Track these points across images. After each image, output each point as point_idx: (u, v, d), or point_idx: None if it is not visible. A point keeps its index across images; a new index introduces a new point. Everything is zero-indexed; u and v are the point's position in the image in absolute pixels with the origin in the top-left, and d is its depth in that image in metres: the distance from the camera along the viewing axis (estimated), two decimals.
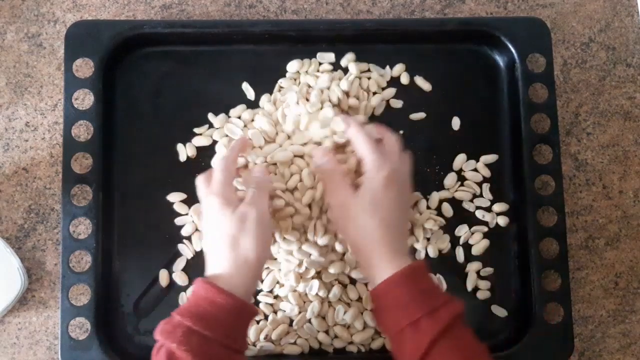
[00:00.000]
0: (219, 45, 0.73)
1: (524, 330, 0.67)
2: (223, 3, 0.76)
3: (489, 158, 0.72)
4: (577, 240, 0.73)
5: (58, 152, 0.72)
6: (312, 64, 0.72)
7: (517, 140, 0.71)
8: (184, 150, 0.71)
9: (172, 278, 0.69)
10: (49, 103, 0.73)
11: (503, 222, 0.71)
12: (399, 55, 0.73)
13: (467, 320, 0.65)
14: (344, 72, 0.72)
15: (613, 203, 0.74)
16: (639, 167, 0.74)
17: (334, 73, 0.72)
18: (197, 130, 0.71)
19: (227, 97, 0.72)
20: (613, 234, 0.73)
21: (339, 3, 0.76)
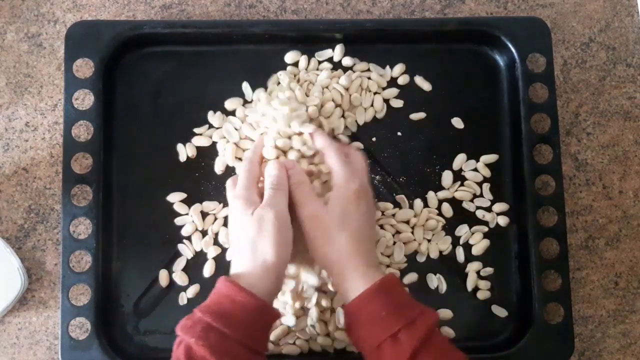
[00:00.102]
0: (219, 45, 0.73)
1: (524, 330, 0.67)
2: (223, 3, 0.76)
3: (489, 158, 0.72)
4: (577, 240, 0.73)
5: (58, 152, 0.72)
6: (311, 62, 0.73)
7: (517, 140, 0.71)
8: (184, 150, 0.71)
9: (172, 278, 0.69)
10: (49, 103, 0.73)
11: (503, 222, 0.71)
12: (399, 55, 0.73)
13: (466, 322, 0.65)
14: (344, 71, 0.72)
15: (613, 203, 0.74)
16: (639, 167, 0.74)
17: (334, 72, 0.72)
18: (197, 130, 0.71)
19: (227, 97, 0.72)
20: (613, 234, 0.73)
21: (339, 3, 0.76)
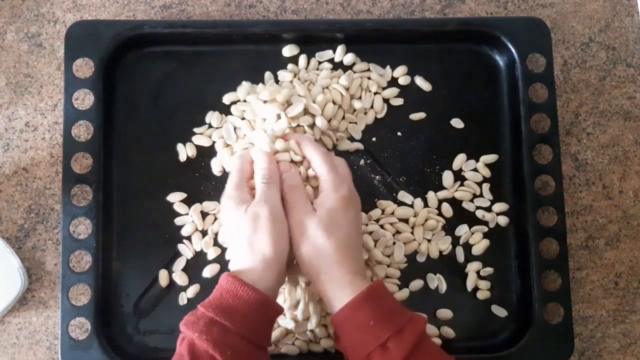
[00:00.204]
0: (219, 45, 0.73)
1: (524, 330, 0.67)
2: (223, 3, 0.76)
3: (489, 158, 0.72)
4: (577, 240, 0.73)
5: (58, 152, 0.72)
6: (311, 62, 0.73)
7: (517, 140, 0.71)
8: (184, 150, 0.71)
9: (172, 278, 0.69)
10: (49, 103, 0.73)
11: (503, 222, 0.71)
12: (399, 55, 0.73)
13: (466, 322, 0.65)
14: (344, 71, 0.72)
15: (613, 203, 0.74)
16: (639, 167, 0.74)
17: (334, 72, 0.72)
18: (197, 130, 0.71)
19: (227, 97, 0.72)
20: (613, 234, 0.73)
21: (339, 3, 0.76)
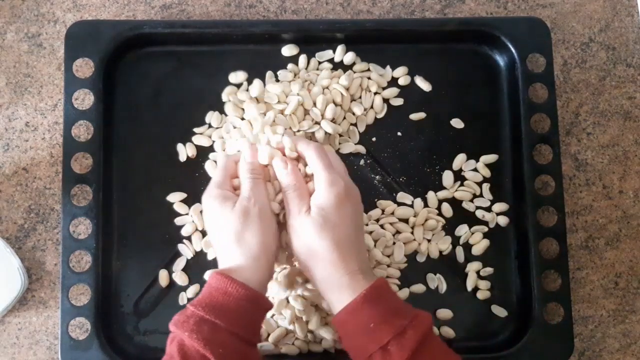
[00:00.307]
0: (219, 45, 0.73)
1: (524, 330, 0.67)
2: (223, 3, 0.76)
3: (489, 158, 0.72)
4: (577, 240, 0.73)
5: (58, 152, 0.72)
6: (311, 62, 0.73)
7: (517, 140, 0.71)
8: (184, 150, 0.71)
9: (172, 278, 0.69)
10: (49, 103, 0.73)
11: (503, 222, 0.71)
12: (399, 55, 0.73)
13: (466, 322, 0.64)
14: (344, 71, 0.72)
15: (613, 203, 0.74)
16: (639, 167, 0.74)
17: (334, 72, 0.72)
18: (196, 130, 0.71)
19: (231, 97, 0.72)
20: (613, 234, 0.73)
21: (339, 3, 0.76)
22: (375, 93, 0.73)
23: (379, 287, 0.56)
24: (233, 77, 0.72)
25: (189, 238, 0.70)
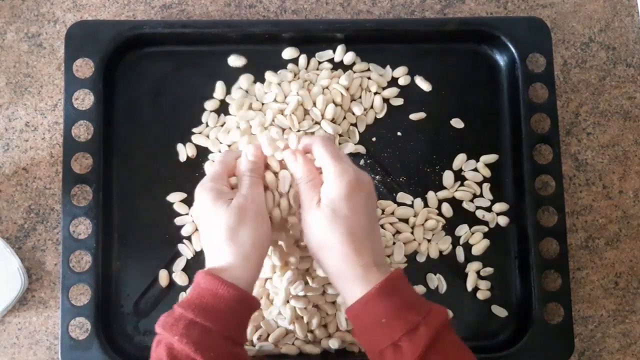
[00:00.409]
0: (219, 45, 0.73)
1: (524, 330, 0.67)
2: (223, 3, 0.76)
3: (489, 158, 0.72)
4: (577, 240, 0.73)
5: (58, 152, 0.72)
6: (311, 62, 0.73)
7: (517, 140, 0.71)
8: (184, 150, 0.71)
9: (172, 278, 0.69)
10: (49, 103, 0.73)
11: (503, 222, 0.71)
12: (399, 55, 0.73)
13: (466, 322, 0.64)
14: (344, 71, 0.72)
15: (613, 203, 0.74)
16: (639, 167, 0.74)
17: (334, 72, 0.72)
18: (195, 130, 0.71)
19: (226, 97, 0.72)
20: (613, 234, 0.73)
21: (339, 3, 0.76)
22: (375, 93, 0.73)
23: (394, 279, 0.55)
24: (232, 60, 0.72)
25: (189, 238, 0.70)
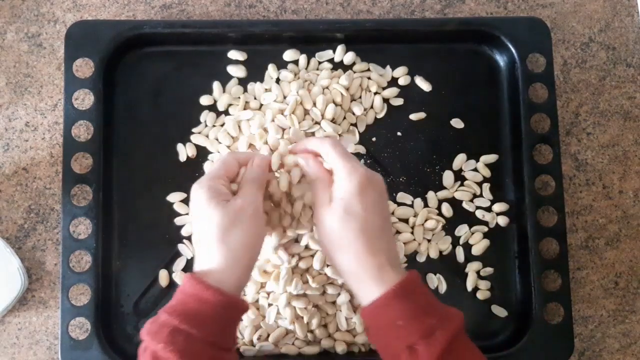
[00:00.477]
0: (219, 45, 0.73)
1: (524, 330, 0.67)
2: (223, 3, 0.76)
3: (489, 158, 0.72)
4: (577, 240, 0.73)
5: (58, 152, 0.72)
6: (311, 62, 0.73)
7: (517, 140, 0.71)
8: (184, 150, 0.71)
9: (172, 278, 0.69)
10: (49, 103, 0.73)
11: (503, 222, 0.71)
12: (399, 55, 0.73)
13: (466, 322, 0.64)
14: (344, 71, 0.72)
15: (613, 203, 0.74)
16: (639, 167, 0.74)
17: (334, 72, 0.72)
18: (195, 130, 0.71)
19: (226, 97, 0.72)
20: (613, 234, 0.73)
21: (339, 3, 0.76)
22: (375, 93, 0.73)
23: (411, 281, 0.54)
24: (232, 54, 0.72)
25: (189, 238, 0.70)
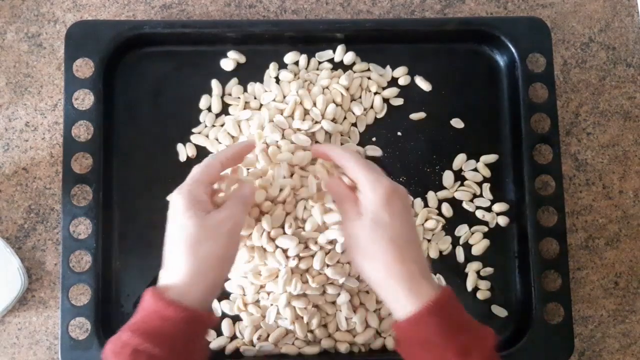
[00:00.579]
0: (219, 45, 0.73)
1: (524, 330, 0.67)
2: (223, 3, 0.76)
3: (489, 158, 0.72)
4: (577, 240, 0.73)
5: (58, 152, 0.72)
6: (311, 62, 0.73)
7: (517, 140, 0.71)
8: (184, 150, 0.71)
9: None
10: (49, 103, 0.73)
11: (503, 222, 0.71)
12: (399, 55, 0.73)
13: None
14: (344, 71, 0.72)
15: (613, 203, 0.74)
16: (639, 167, 0.74)
17: (334, 72, 0.72)
18: (195, 130, 0.71)
19: (226, 97, 0.72)
20: (613, 234, 0.73)
21: (339, 3, 0.76)
22: (375, 93, 0.73)
23: (447, 298, 0.54)
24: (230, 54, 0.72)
25: None
